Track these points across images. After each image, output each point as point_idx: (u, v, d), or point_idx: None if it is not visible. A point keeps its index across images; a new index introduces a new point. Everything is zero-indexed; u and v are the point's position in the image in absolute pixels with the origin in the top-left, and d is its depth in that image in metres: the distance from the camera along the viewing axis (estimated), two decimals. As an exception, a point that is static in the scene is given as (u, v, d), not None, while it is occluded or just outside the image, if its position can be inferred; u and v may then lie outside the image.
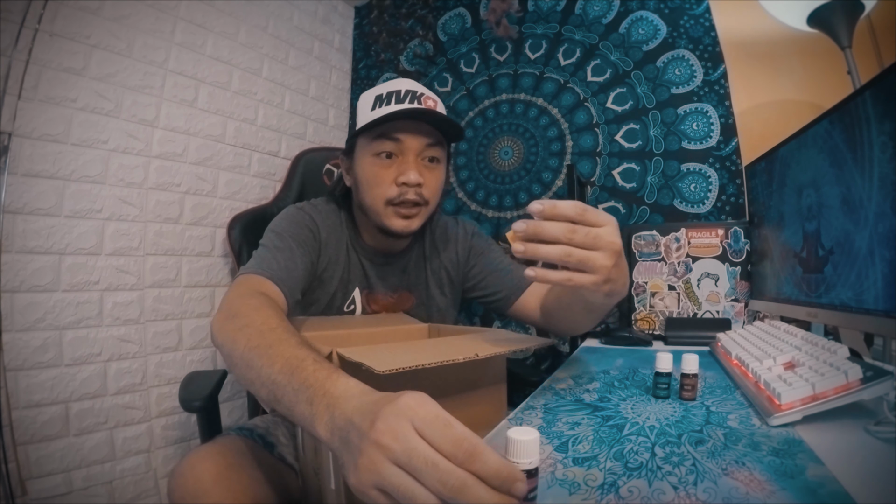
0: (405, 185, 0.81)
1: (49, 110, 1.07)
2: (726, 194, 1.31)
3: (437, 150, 0.85)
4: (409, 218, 0.84)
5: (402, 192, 0.82)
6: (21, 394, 1.02)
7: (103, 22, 1.16)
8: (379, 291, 0.94)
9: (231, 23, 1.47)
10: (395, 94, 0.82)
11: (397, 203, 0.82)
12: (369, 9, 1.96)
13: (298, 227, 0.84)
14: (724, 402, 0.63)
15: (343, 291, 0.91)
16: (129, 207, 1.22)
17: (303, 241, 0.82)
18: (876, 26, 1.10)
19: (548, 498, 0.39)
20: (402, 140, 0.81)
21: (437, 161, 0.86)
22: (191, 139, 1.35)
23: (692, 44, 1.37)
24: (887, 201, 0.61)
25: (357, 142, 0.86)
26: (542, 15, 1.61)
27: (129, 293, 1.21)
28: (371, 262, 0.93)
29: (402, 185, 0.81)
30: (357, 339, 0.77)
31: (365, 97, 0.87)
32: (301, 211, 0.88)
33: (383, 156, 0.82)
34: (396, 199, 0.82)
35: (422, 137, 0.82)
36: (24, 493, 0.99)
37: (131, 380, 1.21)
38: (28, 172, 1.04)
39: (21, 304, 1.03)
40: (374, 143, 0.82)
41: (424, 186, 0.83)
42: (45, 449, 1.05)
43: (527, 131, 1.60)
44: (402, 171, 0.81)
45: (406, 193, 0.82)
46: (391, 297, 0.95)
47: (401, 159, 0.82)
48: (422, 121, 0.82)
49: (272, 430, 0.80)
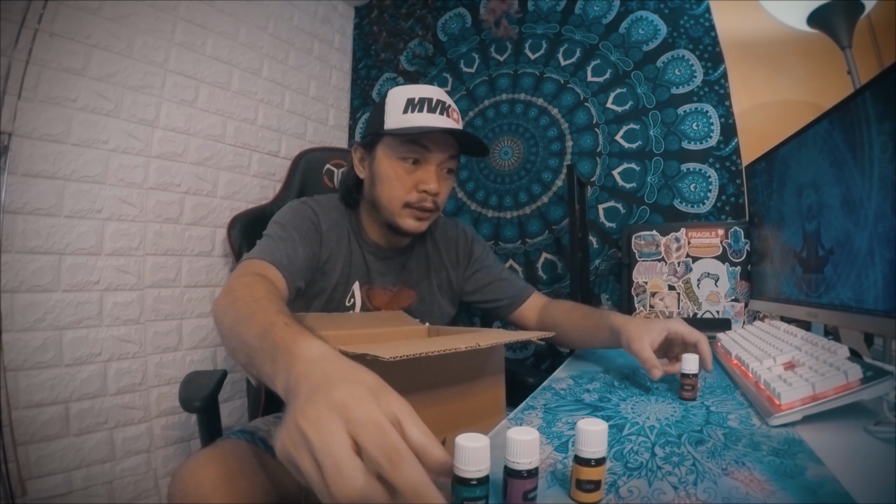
0: (425, 193, 0.86)
1: (49, 110, 1.07)
2: (726, 194, 1.31)
3: (454, 163, 0.91)
4: (421, 220, 0.89)
5: (422, 199, 0.87)
6: (21, 394, 1.02)
7: (103, 22, 1.16)
8: (379, 286, 0.95)
9: (231, 23, 1.47)
10: (427, 101, 0.86)
11: (415, 207, 0.87)
12: (369, 9, 1.96)
13: (301, 219, 0.87)
14: (724, 402, 0.63)
15: (344, 285, 0.92)
16: (129, 207, 1.22)
17: (305, 232, 0.85)
18: (876, 26, 1.10)
19: (548, 498, 0.39)
20: (431, 150, 0.86)
21: (452, 172, 0.91)
22: (191, 139, 1.35)
23: (692, 44, 1.37)
24: (887, 201, 0.61)
25: (383, 139, 0.88)
26: (542, 15, 1.61)
27: (129, 293, 1.21)
28: (374, 256, 0.95)
29: (422, 191, 0.86)
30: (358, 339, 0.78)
31: (396, 96, 0.88)
32: (304, 204, 0.91)
33: (410, 161, 0.86)
34: (416, 203, 0.87)
35: (447, 150, 0.88)
36: (24, 493, 0.99)
37: (131, 380, 1.21)
38: (28, 172, 1.04)
39: (21, 304, 1.03)
40: (404, 146, 0.86)
41: (440, 195, 0.88)
42: (45, 449, 1.05)
43: (527, 131, 1.60)
44: (425, 179, 0.86)
45: (425, 200, 0.87)
46: (391, 291, 0.96)
47: (424, 167, 0.87)
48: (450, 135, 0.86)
49: (273, 433, 0.79)
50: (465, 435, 0.35)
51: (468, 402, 0.67)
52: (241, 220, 1.23)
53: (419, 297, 0.99)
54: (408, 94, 0.87)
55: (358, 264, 0.94)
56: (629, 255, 1.25)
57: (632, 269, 1.24)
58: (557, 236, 1.52)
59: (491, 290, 1.02)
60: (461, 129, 0.87)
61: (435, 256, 1.02)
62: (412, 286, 0.98)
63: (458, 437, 0.35)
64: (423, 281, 1.00)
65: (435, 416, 0.64)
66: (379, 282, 0.95)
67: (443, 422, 0.65)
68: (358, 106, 1.94)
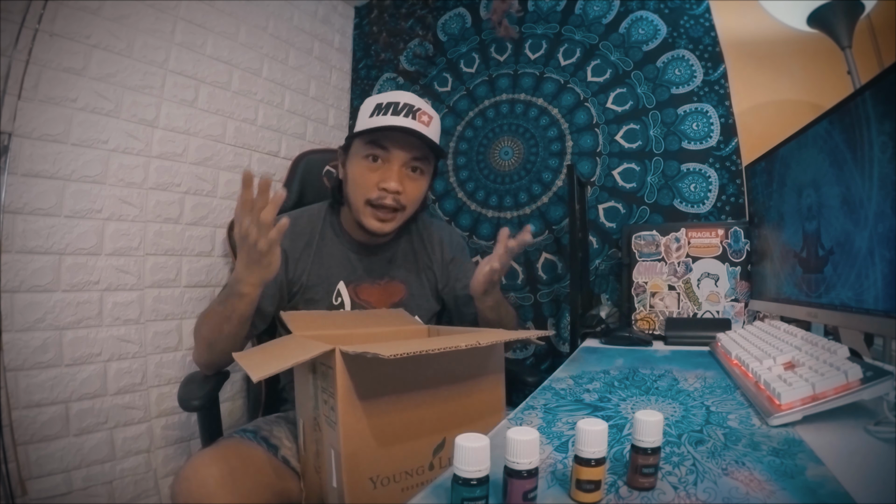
0: (385, 191, 0.90)
1: (49, 110, 1.07)
2: (726, 194, 1.31)
3: (422, 163, 0.94)
4: (384, 221, 0.92)
5: (382, 196, 0.90)
6: (21, 394, 1.02)
7: (103, 22, 1.16)
8: (367, 282, 0.98)
9: (231, 23, 1.47)
10: (393, 105, 0.90)
11: (376, 205, 0.91)
12: (369, 9, 1.96)
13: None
14: (724, 402, 0.63)
15: (322, 285, 0.95)
16: (129, 207, 1.21)
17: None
18: (876, 26, 1.10)
19: (548, 498, 0.39)
20: (390, 149, 0.90)
21: (420, 172, 0.94)
22: (191, 139, 1.35)
23: (692, 44, 1.37)
24: (887, 201, 0.61)
25: (353, 142, 0.94)
26: (542, 15, 1.61)
27: (129, 293, 1.21)
28: (357, 254, 0.99)
29: (382, 189, 0.90)
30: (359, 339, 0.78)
31: (367, 102, 0.94)
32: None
33: (370, 159, 0.91)
34: (376, 200, 0.91)
35: (408, 150, 0.91)
36: (24, 493, 0.99)
37: (131, 380, 1.20)
38: (28, 172, 1.04)
39: (21, 304, 1.03)
40: (366, 147, 0.91)
41: (404, 194, 0.92)
42: (45, 449, 1.05)
43: (527, 131, 1.60)
44: (385, 177, 0.90)
45: (385, 198, 0.90)
46: (380, 286, 1.00)
47: (386, 166, 0.91)
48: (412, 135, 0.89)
49: (275, 432, 0.80)
50: (465, 435, 0.35)
51: (468, 399, 0.68)
52: (241, 221, 1.23)
53: (409, 292, 1.02)
54: (378, 99, 0.92)
55: (341, 263, 0.97)
56: (629, 255, 1.25)
57: (632, 269, 1.24)
58: (557, 236, 1.52)
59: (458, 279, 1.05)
60: (412, 129, 0.88)
61: (422, 252, 1.06)
62: (401, 279, 1.02)
63: (458, 438, 0.35)
64: (411, 275, 1.03)
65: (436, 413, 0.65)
66: (366, 278, 0.98)
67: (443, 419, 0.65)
68: (358, 106, 1.93)
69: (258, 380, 0.54)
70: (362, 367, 0.58)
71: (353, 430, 0.58)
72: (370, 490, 0.59)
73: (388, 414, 0.61)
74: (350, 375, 0.58)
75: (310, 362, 0.67)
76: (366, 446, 0.59)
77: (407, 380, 0.63)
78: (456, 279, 1.06)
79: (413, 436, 0.63)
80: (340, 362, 0.57)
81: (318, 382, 0.64)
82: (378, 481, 0.60)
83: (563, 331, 1.49)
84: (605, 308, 1.25)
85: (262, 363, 0.60)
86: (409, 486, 0.62)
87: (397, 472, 0.61)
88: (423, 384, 0.64)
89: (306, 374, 0.68)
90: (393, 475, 0.61)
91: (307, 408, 0.69)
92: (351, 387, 0.58)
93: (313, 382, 0.66)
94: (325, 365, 0.60)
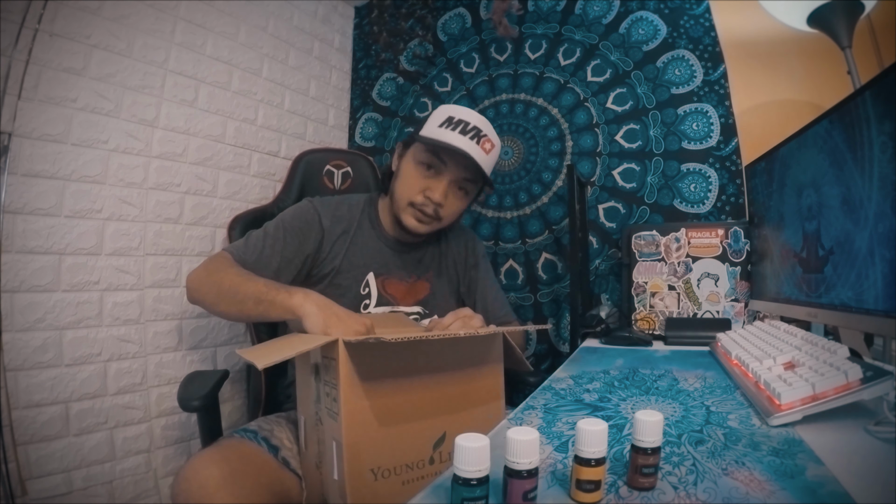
0: (429, 199, 0.95)
1: (49, 110, 1.07)
2: (726, 194, 1.31)
3: (470, 185, 0.99)
4: (421, 222, 0.97)
5: (424, 203, 0.95)
6: (21, 394, 1.02)
7: (103, 22, 1.16)
8: (395, 277, 1.02)
9: (231, 23, 1.47)
10: (463, 123, 0.95)
11: (417, 208, 0.96)
12: (369, 9, 1.96)
13: (297, 218, 0.96)
14: (724, 402, 0.63)
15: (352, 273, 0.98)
16: (129, 207, 1.21)
17: (297, 231, 0.94)
18: (876, 26, 1.10)
19: (548, 498, 0.39)
20: (447, 164, 0.95)
21: (465, 192, 1.00)
22: (191, 139, 1.35)
23: (692, 44, 1.37)
24: (887, 201, 0.61)
25: (415, 142, 0.98)
26: (542, 15, 1.61)
27: (129, 293, 1.21)
28: (391, 249, 1.02)
29: (426, 197, 0.95)
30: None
31: (441, 110, 0.98)
32: (308, 203, 1.00)
33: (425, 167, 0.95)
34: (418, 204, 0.95)
35: (462, 171, 0.96)
36: (24, 493, 0.99)
37: (131, 380, 1.20)
38: (28, 172, 1.04)
39: (21, 304, 1.03)
40: (425, 154, 0.95)
41: (445, 207, 0.96)
42: (45, 449, 1.04)
43: (527, 131, 1.60)
44: (433, 187, 0.95)
45: (427, 206, 0.95)
46: (407, 283, 1.03)
47: (438, 178, 0.96)
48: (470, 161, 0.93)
49: (276, 433, 0.80)
50: (466, 435, 0.35)
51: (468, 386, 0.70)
52: (242, 221, 1.23)
53: (432, 291, 1.05)
54: (451, 112, 0.97)
55: (374, 255, 1.00)
56: (629, 255, 1.25)
57: (632, 269, 1.24)
58: (557, 236, 1.52)
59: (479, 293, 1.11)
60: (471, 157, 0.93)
61: (447, 256, 1.11)
62: (427, 279, 1.06)
63: (458, 438, 0.35)
64: (437, 276, 1.07)
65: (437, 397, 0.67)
66: (395, 273, 1.02)
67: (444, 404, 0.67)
68: (358, 106, 1.94)
69: (263, 367, 0.55)
70: (365, 355, 0.60)
71: (355, 417, 0.59)
72: (371, 482, 0.60)
73: (390, 396, 0.62)
74: (353, 363, 0.59)
75: (312, 364, 0.67)
76: (367, 435, 0.60)
77: (408, 366, 0.64)
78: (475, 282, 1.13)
79: (416, 418, 0.64)
80: (343, 351, 0.58)
81: (322, 377, 0.64)
82: (379, 473, 0.60)
83: (563, 331, 1.49)
84: (605, 308, 1.25)
85: (266, 354, 0.61)
86: (410, 479, 0.63)
87: (398, 465, 0.62)
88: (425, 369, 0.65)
89: (308, 374, 0.69)
90: (394, 467, 0.62)
91: (309, 405, 0.69)
92: (354, 374, 0.59)
93: (315, 381, 0.66)
94: (328, 357, 0.61)
